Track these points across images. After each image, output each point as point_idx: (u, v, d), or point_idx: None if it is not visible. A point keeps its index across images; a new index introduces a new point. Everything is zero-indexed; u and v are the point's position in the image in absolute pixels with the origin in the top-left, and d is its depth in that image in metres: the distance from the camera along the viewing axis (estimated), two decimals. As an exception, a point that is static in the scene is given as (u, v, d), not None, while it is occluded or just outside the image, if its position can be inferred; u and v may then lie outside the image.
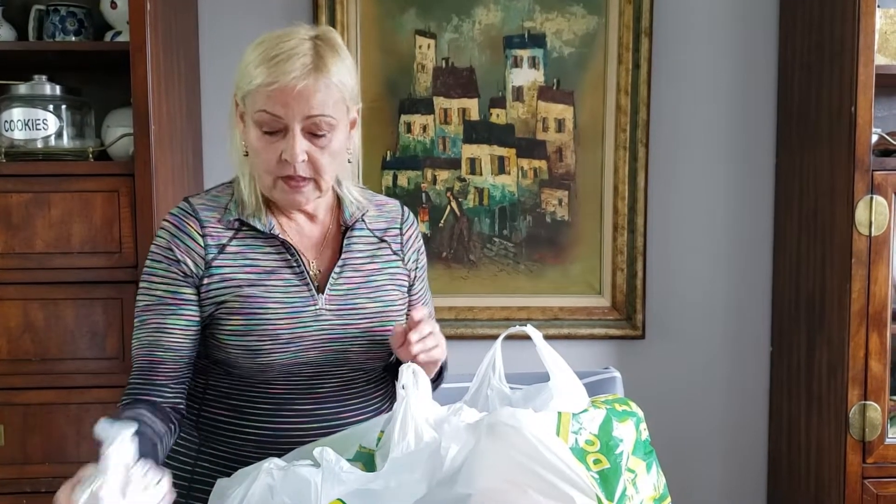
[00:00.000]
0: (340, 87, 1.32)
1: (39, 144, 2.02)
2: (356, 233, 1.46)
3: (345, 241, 1.44)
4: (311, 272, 1.41)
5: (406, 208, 1.55)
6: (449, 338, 1.70)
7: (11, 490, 2.00)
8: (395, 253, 1.49)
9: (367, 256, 1.46)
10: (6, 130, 2.01)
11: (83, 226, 1.98)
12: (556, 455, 1.12)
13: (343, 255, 1.43)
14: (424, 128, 2.45)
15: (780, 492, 2.49)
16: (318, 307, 1.39)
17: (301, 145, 1.31)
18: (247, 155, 1.37)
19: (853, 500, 2.08)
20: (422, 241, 1.56)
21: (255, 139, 1.33)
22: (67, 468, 1.97)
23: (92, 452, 2.05)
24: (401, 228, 1.51)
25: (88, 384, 1.99)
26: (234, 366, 1.39)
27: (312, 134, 1.32)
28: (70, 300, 1.99)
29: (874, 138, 2.06)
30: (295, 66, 1.28)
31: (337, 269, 1.42)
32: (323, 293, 1.40)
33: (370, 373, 1.46)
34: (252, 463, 1.38)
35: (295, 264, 1.39)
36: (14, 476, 2.01)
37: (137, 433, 1.15)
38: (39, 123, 2.01)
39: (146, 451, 1.20)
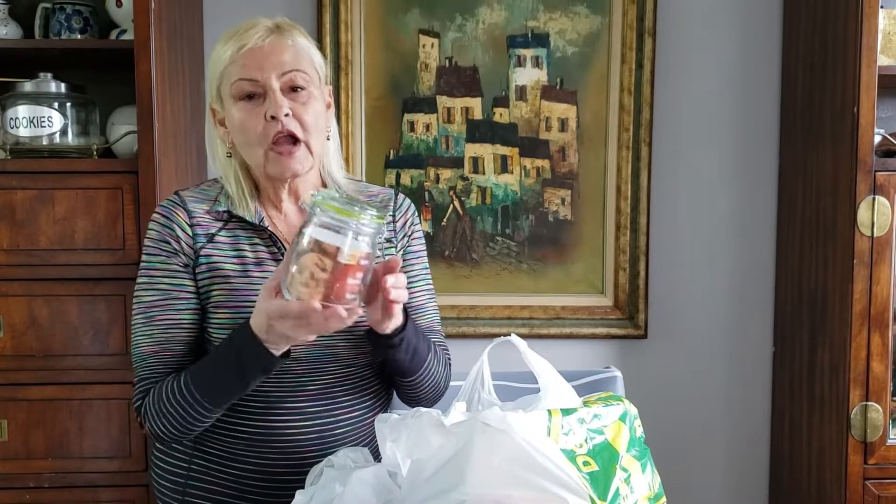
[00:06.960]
0: (305, 49, 1.39)
1: (44, 142, 2.03)
2: None
3: None
4: None
5: (401, 196, 1.55)
6: (451, 336, 1.71)
7: (15, 485, 2.02)
8: (387, 241, 1.49)
9: None
10: (11, 127, 2.02)
11: (87, 223, 1.99)
12: (547, 457, 1.12)
13: None
14: (428, 127, 2.46)
15: (781, 493, 2.49)
16: None
17: (283, 99, 1.35)
18: (230, 156, 1.41)
19: (854, 501, 2.07)
20: (419, 226, 1.55)
21: (237, 113, 1.37)
22: (70, 463, 2.02)
23: (93, 448, 2.06)
24: (394, 215, 1.51)
25: (91, 380, 2.00)
26: None
27: (291, 90, 1.37)
28: (73, 297, 2.00)
29: (877, 139, 2.06)
30: (258, 30, 1.37)
31: None
32: None
33: (361, 369, 1.46)
34: (246, 462, 1.39)
35: (281, 257, 1.39)
36: (17, 471, 2.02)
37: None
38: (44, 121, 2.02)
39: None
